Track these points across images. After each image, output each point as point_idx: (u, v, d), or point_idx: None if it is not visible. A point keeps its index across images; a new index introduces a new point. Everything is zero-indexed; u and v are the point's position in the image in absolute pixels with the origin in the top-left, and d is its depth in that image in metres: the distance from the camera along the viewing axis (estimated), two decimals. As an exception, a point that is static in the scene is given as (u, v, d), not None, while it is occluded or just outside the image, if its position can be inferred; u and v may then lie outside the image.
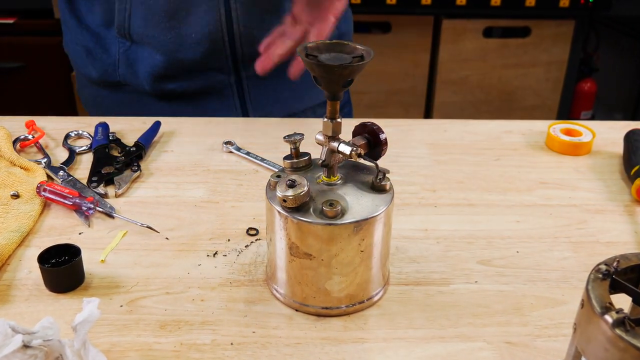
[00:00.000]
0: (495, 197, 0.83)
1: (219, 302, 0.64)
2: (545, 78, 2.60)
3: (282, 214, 0.59)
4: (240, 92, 1.07)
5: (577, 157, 0.93)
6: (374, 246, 0.61)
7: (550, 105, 2.68)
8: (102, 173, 0.84)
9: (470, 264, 0.70)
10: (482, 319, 0.63)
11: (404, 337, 0.60)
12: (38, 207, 0.77)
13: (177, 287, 0.66)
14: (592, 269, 0.46)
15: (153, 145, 0.94)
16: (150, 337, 0.60)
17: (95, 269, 0.68)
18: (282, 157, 0.64)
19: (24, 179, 0.82)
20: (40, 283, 0.65)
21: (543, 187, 0.86)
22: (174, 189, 0.83)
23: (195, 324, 0.61)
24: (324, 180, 0.62)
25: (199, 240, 0.73)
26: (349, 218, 0.58)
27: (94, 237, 0.73)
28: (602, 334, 0.42)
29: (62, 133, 0.95)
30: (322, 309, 0.63)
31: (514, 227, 0.77)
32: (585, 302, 0.44)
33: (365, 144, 0.64)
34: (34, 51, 2.26)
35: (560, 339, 0.61)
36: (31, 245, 0.72)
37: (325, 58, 0.58)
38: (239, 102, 1.08)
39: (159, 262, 0.70)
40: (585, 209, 0.81)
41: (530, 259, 0.72)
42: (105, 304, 0.63)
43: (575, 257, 0.72)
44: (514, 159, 0.93)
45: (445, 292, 0.66)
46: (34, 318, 0.61)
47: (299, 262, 0.61)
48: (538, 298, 0.66)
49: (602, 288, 0.44)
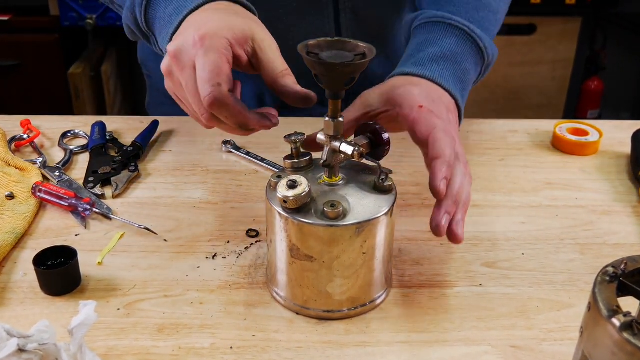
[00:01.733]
0: (500, 197, 0.83)
1: (218, 305, 0.64)
2: (552, 76, 2.60)
3: (282, 215, 0.59)
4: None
5: (583, 157, 0.93)
6: (377, 248, 0.61)
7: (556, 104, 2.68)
8: (98, 173, 0.84)
9: (475, 267, 0.70)
10: (486, 322, 0.63)
11: (407, 341, 0.60)
12: (33, 208, 0.77)
13: (175, 290, 0.66)
14: (599, 271, 0.46)
15: (151, 145, 0.94)
16: (148, 341, 0.60)
17: (92, 271, 0.68)
18: (283, 157, 0.64)
19: (19, 179, 0.82)
20: (35, 286, 0.65)
21: (549, 188, 0.86)
22: (172, 189, 0.83)
23: (194, 328, 0.61)
24: (325, 180, 0.62)
25: (198, 242, 0.73)
26: (351, 219, 0.58)
27: (91, 239, 0.73)
28: (609, 337, 0.42)
29: (58, 132, 0.95)
30: (323, 313, 0.63)
31: (519, 228, 0.77)
32: (592, 305, 0.44)
33: (368, 143, 0.64)
34: (30, 49, 2.26)
35: (567, 343, 0.60)
36: (26, 247, 0.72)
37: (327, 56, 0.58)
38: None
39: (157, 264, 0.70)
40: (592, 210, 0.81)
41: (535, 261, 0.72)
42: (102, 307, 0.63)
43: (582, 259, 0.72)
44: (520, 159, 0.93)
45: (449, 295, 0.66)
46: (29, 321, 0.61)
47: (300, 265, 0.61)
48: (544, 301, 0.66)
49: (609, 291, 0.44)
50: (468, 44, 0.79)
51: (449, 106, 0.71)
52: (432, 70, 0.74)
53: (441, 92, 0.72)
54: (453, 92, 0.74)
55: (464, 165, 0.67)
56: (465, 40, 0.79)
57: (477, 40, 0.79)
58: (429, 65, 0.75)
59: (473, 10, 0.82)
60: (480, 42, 0.79)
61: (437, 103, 0.70)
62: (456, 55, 0.77)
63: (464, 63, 0.77)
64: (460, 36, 0.79)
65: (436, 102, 0.70)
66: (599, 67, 2.80)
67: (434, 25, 0.80)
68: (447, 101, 0.72)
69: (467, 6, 0.82)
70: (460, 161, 0.67)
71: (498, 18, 0.85)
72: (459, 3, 0.82)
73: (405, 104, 0.69)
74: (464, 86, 0.77)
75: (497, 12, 0.85)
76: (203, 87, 0.60)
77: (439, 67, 0.75)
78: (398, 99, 0.70)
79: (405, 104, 0.69)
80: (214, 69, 0.60)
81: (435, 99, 0.70)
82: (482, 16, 0.82)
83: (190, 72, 0.62)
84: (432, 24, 0.81)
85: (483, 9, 0.83)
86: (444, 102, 0.71)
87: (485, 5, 0.83)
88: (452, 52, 0.77)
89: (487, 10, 0.83)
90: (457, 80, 0.76)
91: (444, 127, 0.67)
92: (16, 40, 2.25)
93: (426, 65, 0.75)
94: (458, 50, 0.78)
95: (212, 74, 0.60)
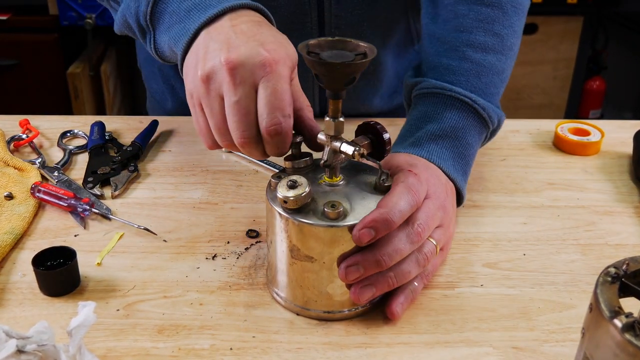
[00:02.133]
0: (502, 198, 0.83)
1: (218, 306, 0.64)
2: (553, 76, 2.60)
3: (282, 215, 0.59)
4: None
5: (585, 157, 0.93)
6: (377, 249, 0.61)
7: (558, 104, 2.68)
8: (98, 173, 0.84)
9: (476, 267, 0.70)
10: (488, 323, 0.63)
11: (408, 342, 0.60)
12: (32, 209, 0.77)
13: (175, 290, 0.66)
14: (601, 272, 0.46)
15: (150, 145, 0.94)
16: (148, 342, 0.60)
17: (91, 272, 0.68)
18: (283, 157, 0.64)
19: (17, 179, 0.82)
20: (34, 286, 0.66)
21: (550, 188, 0.86)
22: (172, 189, 0.83)
23: (194, 329, 0.61)
24: (325, 180, 0.62)
25: (198, 243, 0.73)
26: (352, 220, 0.58)
27: (90, 240, 0.73)
28: (611, 338, 0.42)
29: (57, 132, 0.95)
30: (323, 313, 0.63)
31: (521, 229, 0.77)
32: (594, 306, 0.44)
33: (369, 143, 0.64)
34: (29, 48, 2.26)
35: (568, 344, 0.60)
36: (25, 248, 0.72)
37: (327, 55, 0.58)
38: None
39: (156, 265, 0.70)
40: (594, 211, 0.81)
41: (537, 261, 0.72)
42: (101, 308, 0.63)
43: (584, 259, 0.72)
44: (521, 159, 0.93)
45: (450, 296, 0.66)
46: (28, 322, 0.61)
47: (300, 265, 0.61)
48: (545, 302, 0.66)
49: (611, 291, 0.44)
50: (471, 115, 0.76)
51: (446, 185, 0.69)
52: (429, 152, 0.72)
53: (439, 172, 0.70)
54: (453, 176, 0.71)
55: (417, 235, 0.60)
56: (468, 113, 0.76)
57: (479, 111, 0.76)
58: (426, 145, 0.73)
59: (475, 78, 0.77)
60: (484, 113, 0.76)
61: (432, 176, 0.67)
62: (457, 130, 0.74)
63: (466, 137, 0.75)
64: (461, 109, 0.76)
65: (431, 176, 0.67)
66: (601, 66, 2.81)
67: (434, 97, 0.77)
68: (444, 180, 0.70)
69: (468, 74, 0.77)
70: (411, 229, 0.60)
71: (504, 77, 0.81)
72: (459, 71, 0.78)
73: (397, 170, 0.65)
74: (465, 162, 0.75)
75: (503, 72, 0.80)
76: (272, 113, 0.58)
77: (438, 147, 0.73)
78: (392, 168, 0.67)
79: (397, 170, 0.65)
80: (287, 99, 0.59)
81: (431, 174, 0.68)
82: (485, 82, 0.78)
83: (241, 91, 0.59)
84: (432, 96, 0.77)
85: (486, 73, 0.78)
86: (441, 180, 0.69)
87: (488, 69, 0.78)
88: (452, 128, 0.74)
89: (490, 74, 0.78)
90: (458, 158, 0.73)
91: (413, 185, 0.61)
92: (15, 40, 2.25)
93: (424, 145, 0.73)
94: (459, 124, 0.75)
95: (284, 104, 0.59)
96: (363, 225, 0.57)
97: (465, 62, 0.78)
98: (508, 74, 0.82)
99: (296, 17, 0.93)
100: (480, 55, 0.78)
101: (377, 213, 0.58)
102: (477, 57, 0.78)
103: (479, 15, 0.79)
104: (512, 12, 0.80)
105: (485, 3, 0.79)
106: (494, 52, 0.79)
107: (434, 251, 0.63)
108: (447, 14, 0.81)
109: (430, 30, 0.83)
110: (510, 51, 0.81)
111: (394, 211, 0.58)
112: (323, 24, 0.95)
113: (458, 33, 0.79)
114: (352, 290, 0.60)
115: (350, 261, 0.59)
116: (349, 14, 0.94)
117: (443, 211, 0.66)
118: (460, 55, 0.78)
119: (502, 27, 0.79)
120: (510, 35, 0.81)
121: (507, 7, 0.80)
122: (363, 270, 0.59)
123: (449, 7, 0.81)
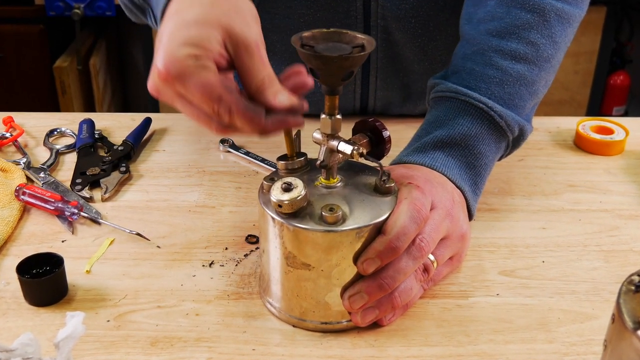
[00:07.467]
0: (519, 201, 0.83)
1: (216, 316, 0.64)
2: (574, 70, 2.60)
3: (277, 220, 0.59)
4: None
5: (608, 157, 0.93)
6: (381, 255, 0.61)
7: (579, 100, 2.67)
8: (87, 175, 0.85)
9: (491, 275, 0.71)
10: (504, 335, 0.63)
11: (418, 356, 0.61)
12: (17, 212, 0.77)
13: (169, 300, 0.66)
14: (624, 280, 0.46)
15: (143, 144, 0.94)
16: (140, 355, 0.60)
17: (79, 280, 0.69)
18: (276, 158, 0.64)
19: (1, 181, 0.82)
20: (19, 295, 0.66)
21: (571, 190, 0.86)
22: (166, 192, 0.84)
23: (190, 341, 0.62)
24: (322, 182, 0.62)
25: (194, 249, 0.74)
26: (351, 224, 0.58)
27: (78, 245, 0.74)
28: (634, 351, 0.42)
29: (43, 131, 0.95)
30: (321, 324, 0.63)
31: (540, 234, 0.77)
32: (617, 317, 0.44)
33: (367, 142, 0.63)
34: (13, 40, 2.27)
35: (590, 357, 0.61)
36: (9, 254, 0.72)
37: (323, 48, 0.57)
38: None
39: (149, 272, 0.70)
40: (618, 215, 0.81)
41: (557, 269, 0.72)
42: (90, 318, 0.64)
43: (607, 267, 0.72)
44: (540, 159, 0.93)
45: (464, 306, 0.66)
46: (12, 334, 0.61)
47: (296, 274, 0.61)
48: (565, 312, 0.66)
49: (634, 301, 0.44)
50: (486, 123, 0.74)
51: (452, 192, 0.68)
52: (434, 159, 0.72)
53: (443, 179, 0.70)
54: (459, 183, 0.71)
55: (419, 251, 0.61)
56: (482, 120, 0.74)
57: (495, 118, 0.74)
58: (431, 152, 0.72)
59: (497, 87, 0.76)
60: (501, 121, 0.74)
61: (435, 186, 0.67)
62: (468, 138, 0.74)
63: (478, 146, 0.74)
64: (475, 115, 0.74)
65: (435, 186, 0.66)
66: (625, 60, 2.80)
67: (448, 101, 0.76)
68: (450, 188, 0.69)
69: (490, 81, 0.76)
70: (412, 245, 0.61)
71: (534, 90, 0.78)
72: (480, 77, 0.76)
73: (397, 185, 0.64)
74: (475, 172, 0.74)
75: (533, 84, 0.78)
76: (209, 107, 0.57)
77: (444, 155, 0.72)
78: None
79: (396, 185, 0.64)
80: (208, 87, 0.57)
81: (434, 184, 0.67)
82: (510, 92, 0.76)
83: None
84: (446, 100, 0.77)
85: (512, 83, 0.76)
86: (446, 189, 0.68)
87: (515, 79, 0.76)
88: (463, 135, 0.73)
89: (517, 84, 0.76)
90: (466, 168, 0.73)
91: (418, 200, 0.62)
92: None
93: (428, 152, 0.72)
94: (471, 132, 0.74)
95: (209, 94, 0.57)
96: (367, 257, 0.59)
97: (489, 69, 0.76)
98: (540, 87, 0.80)
99: (339, 5, 0.93)
100: (508, 62, 0.76)
101: (382, 243, 0.59)
102: (505, 64, 0.76)
103: (516, 20, 0.77)
104: (555, 21, 0.78)
105: (527, 8, 0.77)
106: (526, 61, 0.77)
107: (430, 267, 0.64)
108: (483, 15, 0.80)
109: (464, 31, 0.83)
110: (546, 63, 0.78)
111: (399, 236, 0.60)
112: (369, 14, 0.94)
113: (489, 37, 0.78)
114: (354, 314, 0.61)
115: (353, 290, 0.61)
116: (395, 7, 0.94)
117: (450, 220, 0.66)
118: (486, 61, 0.77)
119: (540, 35, 0.77)
120: (549, 46, 0.78)
121: (549, 15, 0.77)
122: (367, 297, 0.60)
123: (488, 8, 0.80)
